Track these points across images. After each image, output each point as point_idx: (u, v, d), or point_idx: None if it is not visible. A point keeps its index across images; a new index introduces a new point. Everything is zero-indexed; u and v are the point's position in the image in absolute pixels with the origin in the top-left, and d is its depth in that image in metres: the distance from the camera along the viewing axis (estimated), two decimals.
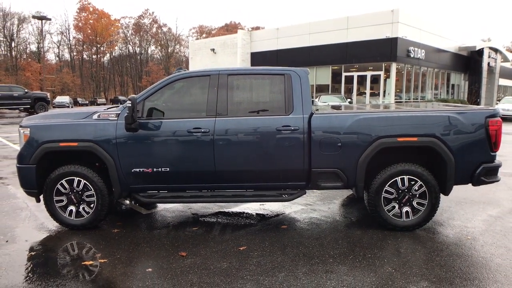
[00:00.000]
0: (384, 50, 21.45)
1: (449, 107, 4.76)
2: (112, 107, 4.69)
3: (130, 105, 3.95)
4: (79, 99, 52.28)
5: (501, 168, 4.30)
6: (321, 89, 25.32)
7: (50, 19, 38.31)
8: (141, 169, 4.18)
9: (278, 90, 4.30)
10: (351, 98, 23.01)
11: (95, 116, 4.29)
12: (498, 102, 25.54)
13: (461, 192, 5.56)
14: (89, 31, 62.98)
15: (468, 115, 4.12)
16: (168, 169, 4.16)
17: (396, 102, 21.89)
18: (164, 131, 4.16)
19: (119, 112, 4.25)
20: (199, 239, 4.07)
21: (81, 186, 4.26)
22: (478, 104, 29.00)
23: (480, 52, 29.04)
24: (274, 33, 27.34)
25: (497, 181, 4.27)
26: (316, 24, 24.80)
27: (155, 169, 4.17)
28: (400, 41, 21.21)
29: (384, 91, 22.53)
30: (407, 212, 4.16)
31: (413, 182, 4.11)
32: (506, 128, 17.84)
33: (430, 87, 26.56)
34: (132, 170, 4.19)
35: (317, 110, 4.49)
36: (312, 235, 4.17)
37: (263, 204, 5.28)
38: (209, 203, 5.24)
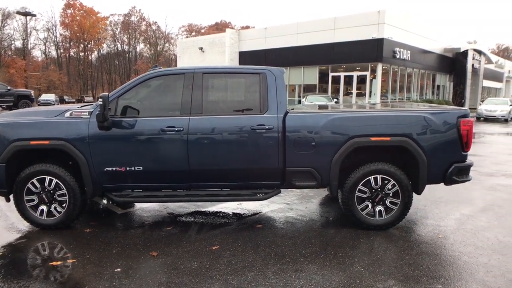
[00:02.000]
0: (370, 51, 21.62)
1: (422, 107, 4.81)
2: (86, 105, 4.62)
3: (101, 103, 3.89)
4: (65, 97, 51.55)
5: (479, 168, 4.36)
6: (309, 89, 25.43)
7: (35, 15, 37.74)
8: (113, 168, 4.13)
9: (253, 89, 4.29)
10: (337, 98, 23.15)
11: (67, 114, 4.22)
12: (481, 103, 25.98)
13: (437, 191, 5.62)
14: (76, 28, 62.12)
15: (440, 115, 4.17)
16: (141, 168, 4.12)
17: (382, 102, 22.10)
18: (137, 129, 4.11)
19: (92, 110, 4.20)
20: (172, 238, 4.04)
21: (52, 185, 4.19)
22: (463, 105, 29.45)
23: (465, 53, 29.49)
24: (262, 33, 27.35)
25: (469, 180, 4.34)
26: (303, 24, 24.88)
27: (128, 168, 4.12)
28: (386, 42, 21.40)
29: (370, 92, 22.72)
30: (380, 211, 4.19)
31: (386, 181, 4.15)
32: (488, 128, 18.17)
33: (416, 87, 26.88)
34: (105, 169, 4.14)
35: (292, 109, 4.49)
36: (286, 234, 4.17)
37: (240, 203, 5.27)
38: (186, 203, 5.20)
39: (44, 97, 38.55)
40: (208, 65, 26.99)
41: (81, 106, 4.52)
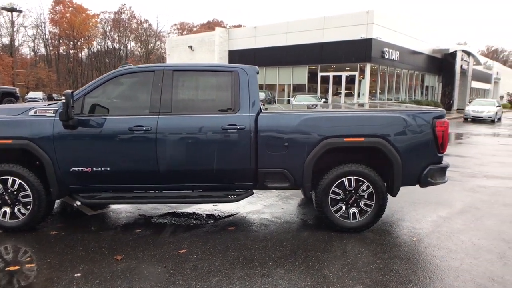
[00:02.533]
0: (359, 51, 21.63)
1: (398, 107, 4.73)
2: (52, 103, 4.46)
3: (64, 101, 3.74)
4: (54, 95, 50.80)
5: (461, 169, 4.29)
6: (299, 89, 25.40)
7: (21, 11, 37.11)
8: (79, 169, 3.98)
9: (225, 87, 4.17)
10: (326, 98, 23.13)
11: (31, 112, 4.07)
12: (469, 103, 26.18)
13: (416, 192, 5.54)
14: (66, 25, 61.32)
15: (415, 116, 4.09)
16: (108, 168, 3.98)
17: (370, 102, 22.12)
18: (104, 128, 3.97)
19: (57, 108, 4.04)
20: (140, 241, 3.91)
21: (16, 186, 4.03)
22: (451, 105, 29.69)
23: (453, 54, 29.70)
24: (252, 32, 27.23)
25: (444, 182, 4.27)
26: (293, 23, 24.81)
27: (94, 169, 3.98)
28: (374, 42, 21.42)
29: (359, 92, 22.73)
30: (354, 213, 4.10)
31: (360, 183, 4.06)
32: (475, 129, 18.29)
33: (405, 88, 26.98)
34: (71, 170, 3.99)
35: (266, 109, 4.38)
36: (258, 237, 4.06)
37: (216, 205, 5.15)
38: (160, 204, 5.07)
39: (32, 94, 37.85)
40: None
41: (48, 104, 4.37)
